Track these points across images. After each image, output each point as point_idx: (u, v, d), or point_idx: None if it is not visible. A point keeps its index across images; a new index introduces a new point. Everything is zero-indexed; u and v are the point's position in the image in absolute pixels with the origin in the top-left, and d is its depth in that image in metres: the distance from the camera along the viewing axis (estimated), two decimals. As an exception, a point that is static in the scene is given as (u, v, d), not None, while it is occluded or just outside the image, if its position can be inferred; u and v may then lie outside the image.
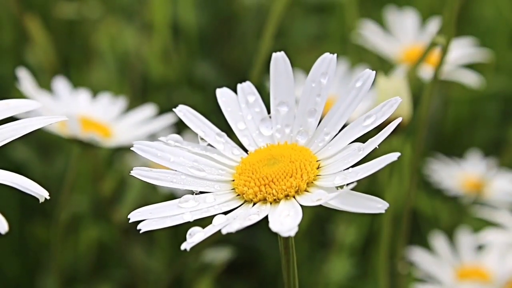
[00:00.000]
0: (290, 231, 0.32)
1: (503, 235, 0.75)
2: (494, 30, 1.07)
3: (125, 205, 0.80)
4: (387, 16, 0.90)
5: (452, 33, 0.57)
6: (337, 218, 0.86)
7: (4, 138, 0.36)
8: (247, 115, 0.41)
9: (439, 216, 0.89)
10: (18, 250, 0.87)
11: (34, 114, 0.56)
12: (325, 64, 0.40)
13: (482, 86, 0.87)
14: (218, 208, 0.36)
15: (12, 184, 0.34)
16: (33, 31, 0.82)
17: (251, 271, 0.92)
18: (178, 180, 0.38)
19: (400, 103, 0.36)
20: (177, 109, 0.41)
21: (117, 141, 0.69)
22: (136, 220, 0.36)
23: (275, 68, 0.41)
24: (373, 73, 0.38)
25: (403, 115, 0.56)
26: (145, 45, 0.93)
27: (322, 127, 0.39)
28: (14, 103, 0.39)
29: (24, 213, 0.87)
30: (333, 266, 0.83)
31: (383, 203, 0.33)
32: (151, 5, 0.93)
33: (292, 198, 0.36)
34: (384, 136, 0.35)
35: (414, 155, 0.62)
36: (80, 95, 0.74)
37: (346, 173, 0.35)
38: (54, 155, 0.90)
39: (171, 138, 0.40)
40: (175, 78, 0.96)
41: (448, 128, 1.05)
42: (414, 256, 0.76)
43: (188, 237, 0.34)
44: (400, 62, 0.85)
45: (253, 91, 0.42)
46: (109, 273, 0.87)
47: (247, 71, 0.77)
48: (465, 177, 0.93)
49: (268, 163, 0.38)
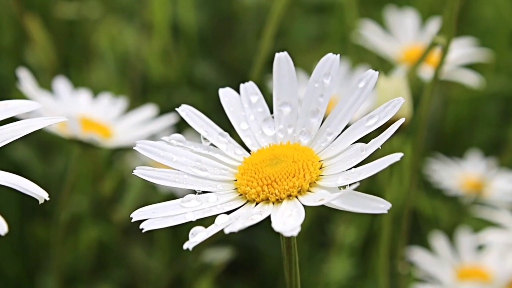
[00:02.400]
0: (292, 231, 0.32)
1: (503, 235, 0.75)
2: (494, 30, 1.07)
3: (125, 205, 0.80)
4: (387, 16, 0.90)
5: (452, 33, 0.57)
6: (337, 218, 0.86)
7: (4, 138, 0.36)
8: (250, 115, 0.41)
9: (439, 216, 0.89)
10: (18, 250, 0.87)
11: (34, 114, 0.56)
12: (328, 64, 0.40)
13: (482, 86, 0.87)
14: (220, 208, 0.36)
15: (11, 185, 0.34)
16: (33, 31, 0.82)
17: (251, 271, 0.92)
18: (180, 179, 0.38)
19: (402, 103, 0.36)
20: (180, 108, 0.41)
21: (117, 142, 0.69)
22: (138, 219, 0.36)
23: (278, 68, 0.41)
24: (376, 74, 0.38)
25: (403, 115, 0.56)
26: (145, 45, 0.93)
27: (325, 127, 0.39)
28: (13, 103, 0.39)
29: (24, 213, 0.87)
30: (333, 266, 0.83)
31: (386, 203, 0.33)
32: (151, 5, 0.93)
33: (294, 198, 0.36)
34: (387, 136, 0.35)
35: (414, 155, 0.62)
36: (81, 95, 0.74)
37: (349, 173, 0.35)
38: (54, 155, 0.90)
39: (173, 138, 0.40)
40: (175, 78, 0.96)
41: (448, 128, 1.05)
42: (414, 256, 0.76)
43: (190, 236, 0.34)
44: (400, 62, 0.85)
45: (256, 91, 0.42)
46: (109, 273, 0.87)
47: (247, 71, 0.78)
48: (465, 177, 0.93)
49: (271, 163, 0.38)
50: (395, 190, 0.79)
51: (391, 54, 0.86)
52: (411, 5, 0.95)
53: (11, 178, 0.34)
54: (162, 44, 0.94)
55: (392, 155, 0.33)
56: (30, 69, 0.74)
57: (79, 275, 0.86)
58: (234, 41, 1.05)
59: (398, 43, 0.89)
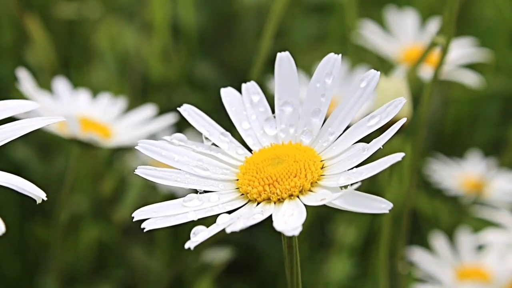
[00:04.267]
0: (294, 230, 0.33)
1: (503, 235, 0.75)
2: (494, 30, 1.07)
3: (125, 205, 0.80)
4: (387, 16, 0.90)
5: (452, 33, 0.58)
6: (337, 218, 0.86)
7: (3, 138, 0.36)
8: (251, 114, 0.41)
9: (439, 216, 0.89)
10: (18, 250, 0.87)
11: (33, 114, 0.56)
12: (329, 64, 0.40)
13: (482, 86, 0.87)
14: (222, 207, 0.36)
15: (9, 185, 0.33)
16: (33, 31, 0.82)
17: (251, 271, 0.92)
18: (182, 179, 0.38)
19: (404, 103, 0.36)
20: (182, 108, 0.41)
21: (117, 141, 0.69)
22: (140, 219, 0.36)
23: (279, 68, 0.41)
24: (377, 74, 0.38)
25: (404, 115, 0.56)
26: (145, 45, 0.93)
27: (327, 127, 0.39)
28: (12, 103, 0.39)
29: (24, 213, 0.87)
30: (333, 266, 0.83)
31: (387, 203, 0.33)
32: (151, 5, 0.93)
33: (296, 197, 0.36)
34: (389, 136, 0.35)
35: (414, 155, 0.62)
36: (80, 95, 0.74)
37: (350, 173, 0.35)
38: (54, 155, 0.90)
39: (175, 137, 0.40)
40: (175, 78, 0.96)
41: (448, 128, 1.05)
42: (414, 256, 0.76)
43: (192, 236, 0.34)
44: (400, 62, 0.85)
45: (258, 90, 0.42)
46: (109, 273, 0.87)
47: (247, 71, 0.78)
48: (465, 177, 0.93)
49: (272, 162, 0.38)
50: (395, 190, 0.79)
51: (391, 54, 0.86)
52: (411, 5, 0.95)
53: (9, 178, 0.34)
54: (162, 44, 0.94)
55: (393, 155, 0.33)
56: (30, 69, 0.74)
57: (79, 275, 0.86)
58: (234, 41, 1.05)
59: (398, 43, 0.89)
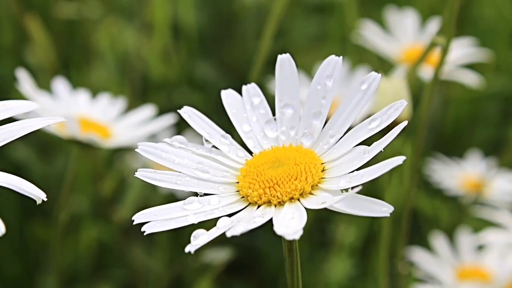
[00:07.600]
0: (295, 234, 0.32)
1: (503, 235, 0.75)
2: (494, 30, 1.07)
3: (125, 205, 0.80)
4: (387, 16, 0.90)
5: (452, 33, 0.57)
6: (337, 218, 0.86)
7: (3, 139, 0.36)
8: (252, 117, 0.41)
9: (439, 216, 0.89)
10: (18, 250, 0.87)
11: (33, 114, 0.55)
12: (330, 66, 0.39)
13: (482, 86, 0.87)
14: (222, 210, 0.36)
15: (8, 186, 0.33)
16: (33, 31, 0.82)
17: (251, 271, 0.92)
18: (182, 181, 0.38)
19: (405, 106, 0.36)
20: (182, 110, 0.41)
21: (117, 142, 0.69)
22: (140, 222, 0.36)
23: (280, 70, 0.41)
24: (378, 76, 0.38)
25: (404, 116, 0.56)
26: (145, 45, 0.93)
27: (327, 129, 0.39)
28: (11, 104, 0.39)
29: (24, 213, 0.87)
30: (333, 266, 0.83)
31: (388, 206, 0.33)
32: (151, 5, 0.93)
33: (296, 200, 0.36)
34: (390, 139, 0.35)
35: (414, 155, 0.62)
36: (80, 95, 0.74)
37: (351, 176, 0.35)
38: (54, 155, 0.90)
39: (175, 140, 0.40)
40: (175, 78, 0.96)
41: (448, 128, 1.05)
42: (414, 256, 0.76)
43: (192, 239, 0.34)
44: (400, 62, 0.85)
45: (258, 92, 0.42)
46: (109, 273, 0.87)
47: (247, 71, 0.77)
48: (465, 177, 0.93)
49: (273, 165, 0.37)
50: (395, 190, 0.79)
51: (391, 54, 0.86)
52: (411, 5, 0.95)
53: (9, 178, 0.34)
54: (162, 44, 0.94)
55: (394, 158, 0.33)
56: (30, 69, 0.74)
57: (79, 275, 0.86)
58: (234, 41, 1.05)
59: (398, 43, 0.88)
